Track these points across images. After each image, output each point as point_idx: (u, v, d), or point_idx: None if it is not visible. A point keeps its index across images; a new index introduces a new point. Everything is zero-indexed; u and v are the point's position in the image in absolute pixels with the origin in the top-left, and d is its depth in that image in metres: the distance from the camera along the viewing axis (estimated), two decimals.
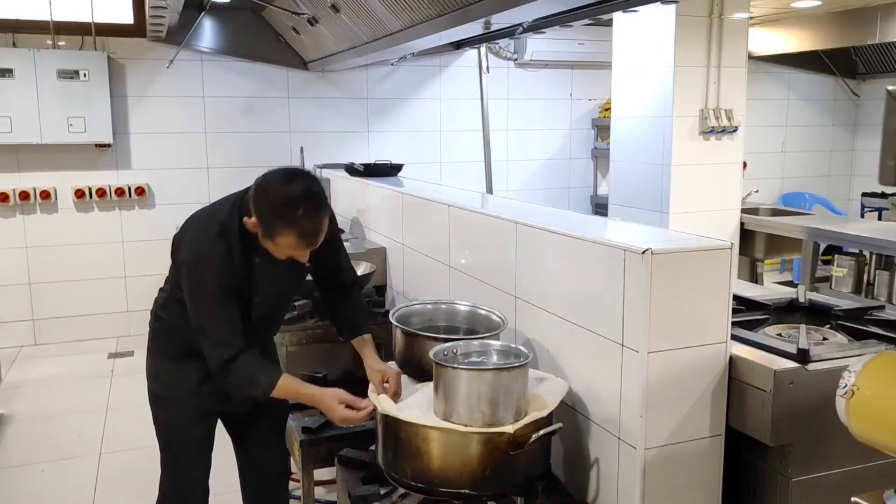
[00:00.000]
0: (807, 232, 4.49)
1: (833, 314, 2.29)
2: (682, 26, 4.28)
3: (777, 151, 7.28)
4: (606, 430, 1.95)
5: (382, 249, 3.89)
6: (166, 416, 2.23)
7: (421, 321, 2.35)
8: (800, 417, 1.81)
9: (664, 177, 4.46)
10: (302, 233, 1.91)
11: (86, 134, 5.15)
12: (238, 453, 2.43)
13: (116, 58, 5.32)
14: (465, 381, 1.79)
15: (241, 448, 2.42)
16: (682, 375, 1.83)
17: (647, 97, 4.53)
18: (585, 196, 6.76)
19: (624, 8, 3.49)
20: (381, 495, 1.94)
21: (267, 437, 2.39)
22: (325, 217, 1.95)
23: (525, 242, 2.33)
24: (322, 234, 1.96)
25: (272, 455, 2.41)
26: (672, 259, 1.78)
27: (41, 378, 4.79)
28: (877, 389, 1.41)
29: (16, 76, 4.97)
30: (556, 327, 2.15)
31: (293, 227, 1.90)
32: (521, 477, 1.84)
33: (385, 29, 3.90)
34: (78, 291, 5.45)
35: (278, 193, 1.92)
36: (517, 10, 3.00)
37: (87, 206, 5.44)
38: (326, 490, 3.17)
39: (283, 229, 1.90)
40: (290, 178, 1.94)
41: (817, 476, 1.88)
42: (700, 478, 1.90)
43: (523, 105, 6.43)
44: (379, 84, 6.01)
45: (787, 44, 6.17)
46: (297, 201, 1.90)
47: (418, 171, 5.26)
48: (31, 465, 3.59)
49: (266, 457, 2.40)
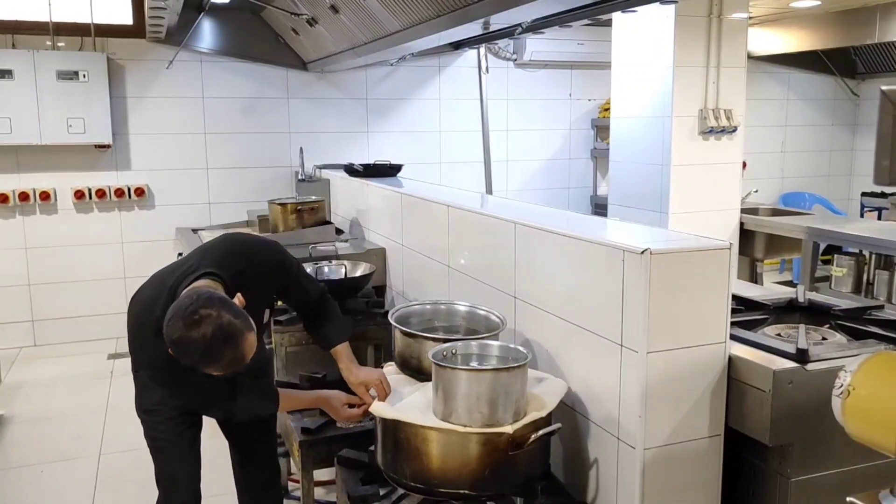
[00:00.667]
0: (806, 232, 4.49)
1: (832, 314, 2.29)
2: (682, 26, 4.28)
3: (776, 151, 7.29)
4: (606, 431, 1.94)
5: (382, 250, 3.89)
6: (149, 422, 2.24)
7: (420, 322, 2.36)
8: (799, 417, 1.81)
9: (664, 177, 4.46)
10: (232, 364, 1.85)
11: (85, 135, 5.15)
12: (232, 455, 2.45)
13: (116, 59, 5.32)
14: (464, 382, 1.79)
15: (235, 450, 2.44)
16: (681, 375, 1.83)
17: (646, 97, 4.53)
18: (585, 196, 6.76)
19: (623, 8, 3.49)
20: (380, 496, 1.94)
21: (255, 437, 2.39)
22: (245, 340, 1.84)
23: (524, 243, 2.33)
24: (250, 354, 1.86)
25: (262, 457, 2.42)
26: (671, 259, 1.78)
27: (41, 379, 4.79)
28: (872, 389, 1.41)
29: (15, 77, 4.97)
30: (556, 327, 2.15)
31: (221, 365, 1.84)
32: (521, 477, 1.84)
33: (384, 29, 3.90)
34: (77, 292, 5.45)
35: (191, 346, 1.80)
36: (516, 11, 3.00)
37: (86, 207, 5.44)
38: (326, 490, 3.17)
39: (214, 369, 1.86)
40: (194, 324, 1.79)
41: (816, 476, 1.88)
42: (699, 478, 1.90)
43: (523, 105, 6.43)
44: (378, 84, 6.01)
45: (787, 44, 6.17)
46: (212, 347, 1.80)
47: (418, 171, 5.26)
48: (31, 466, 3.59)
49: (256, 458, 2.41)
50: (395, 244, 3.72)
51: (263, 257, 2.23)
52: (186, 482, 2.25)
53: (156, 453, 2.26)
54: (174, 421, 2.21)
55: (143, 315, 2.11)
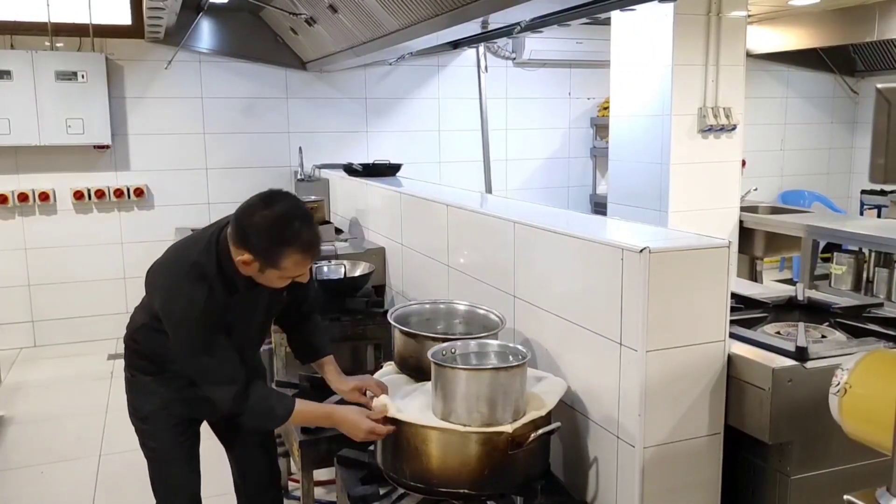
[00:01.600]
0: (806, 230, 4.48)
1: (832, 312, 2.29)
2: (681, 25, 4.28)
3: (776, 149, 7.28)
4: (605, 429, 1.94)
5: (381, 249, 3.89)
6: (146, 429, 2.20)
7: (419, 321, 2.35)
8: (798, 415, 1.81)
9: (663, 175, 4.46)
10: (306, 246, 1.89)
11: (84, 135, 5.15)
12: (229, 459, 2.43)
13: (114, 59, 5.32)
14: (463, 381, 1.79)
15: (232, 454, 2.41)
16: (680, 374, 1.83)
17: (645, 96, 4.53)
18: (584, 195, 6.76)
19: (621, 7, 3.48)
20: (380, 495, 1.94)
21: (253, 440, 2.37)
22: (317, 226, 1.93)
23: (523, 242, 2.33)
24: (321, 243, 1.96)
25: (260, 459, 2.40)
26: (670, 258, 1.78)
27: (41, 380, 4.79)
28: (869, 387, 1.41)
29: (14, 78, 4.97)
30: (555, 326, 2.15)
31: (295, 243, 1.87)
32: (520, 476, 1.84)
33: (383, 29, 3.90)
34: (77, 293, 5.45)
35: (268, 218, 1.86)
36: (514, 10, 3.00)
37: (85, 208, 5.44)
38: (326, 490, 3.17)
39: (287, 250, 1.86)
40: (271, 200, 1.89)
41: (816, 474, 1.88)
42: (699, 476, 1.90)
43: (522, 104, 6.43)
44: (377, 84, 6.01)
45: (786, 42, 6.17)
46: (290, 218, 1.87)
47: (417, 170, 5.26)
48: (31, 467, 3.59)
49: (255, 460, 2.39)
50: (395, 244, 3.72)
51: None
52: (186, 492, 2.22)
53: (154, 462, 2.22)
54: (176, 429, 2.18)
55: (176, 265, 1.99)
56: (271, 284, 1.97)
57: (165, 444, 2.19)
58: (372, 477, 2.01)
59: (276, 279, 1.94)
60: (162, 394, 2.16)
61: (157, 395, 2.16)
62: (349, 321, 3.32)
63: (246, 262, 1.89)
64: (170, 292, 1.96)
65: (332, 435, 2.40)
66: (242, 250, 1.89)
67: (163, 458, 2.20)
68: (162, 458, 2.20)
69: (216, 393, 1.96)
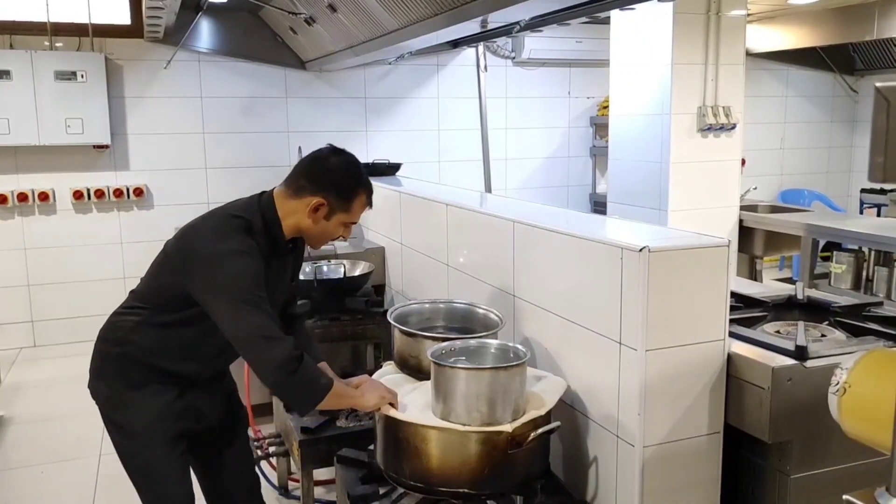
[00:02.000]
0: (806, 228, 4.48)
1: (831, 311, 2.29)
2: (680, 24, 4.28)
3: (775, 148, 7.28)
4: (605, 429, 1.94)
5: (381, 249, 3.89)
6: (135, 447, 2.05)
7: (419, 320, 2.35)
8: (798, 414, 1.81)
9: (663, 174, 4.46)
10: (371, 190, 2.05)
11: (84, 135, 5.15)
12: (205, 479, 2.27)
13: (114, 59, 5.32)
14: (463, 381, 1.79)
15: (209, 472, 2.26)
16: (680, 373, 1.83)
17: (645, 95, 4.53)
18: (584, 194, 6.76)
19: (621, 6, 3.48)
20: (380, 495, 1.94)
21: (237, 451, 2.26)
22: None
23: (523, 241, 2.33)
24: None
25: (245, 471, 2.29)
26: (669, 257, 1.78)
27: (40, 380, 4.79)
28: (868, 387, 1.41)
29: (13, 78, 4.97)
30: (555, 326, 2.15)
31: (367, 185, 2.04)
32: (520, 476, 1.84)
33: (382, 28, 3.90)
34: (77, 293, 5.44)
35: (344, 161, 2.04)
36: (514, 9, 2.99)
37: (85, 208, 5.44)
38: (326, 490, 3.17)
39: (360, 190, 2.01)
40: (339, 151, 2.07)
41: (816, 473, 1.88)
42: (699, 475, 1.90)
43: (521, 103, 6.42)
44: (377, 83, 6.00)
45: (785, 40, 6.16)
46: (358, 165, 2.06)
47: (416, 170, 5.26)
48: (31, 467, 3.59)
49: (239, 473, 2.27)
50: (395, 243, 3.72)
51: None
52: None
53: (147, 483, 2.07)
54: (171, 443, 2.04)
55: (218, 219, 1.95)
56: (324, 235, 2.03)
57: (161, 460, 2.04)
58: (372, 476, 2.01)
59: (335, 226, 2.01)
60: (152, 409, 2.03)
61: (147, 408, 2.02)
62: (349, 321, 3.32)
63: (317, 206, 1.96)
64: (215, 246, 1.87)
65: (331, 435, 2.40)
66: (314, 195, 1.96)
67: (158, 477, 2.06)
68: (157, 476, 2.06)
69: (269, 352, 1.80)
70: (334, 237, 2.07)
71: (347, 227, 2.05)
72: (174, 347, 2.03)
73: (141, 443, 2.04)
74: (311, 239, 2.06)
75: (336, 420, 2.49)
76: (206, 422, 2.13)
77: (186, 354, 2.04)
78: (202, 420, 2.12)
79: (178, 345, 2.02)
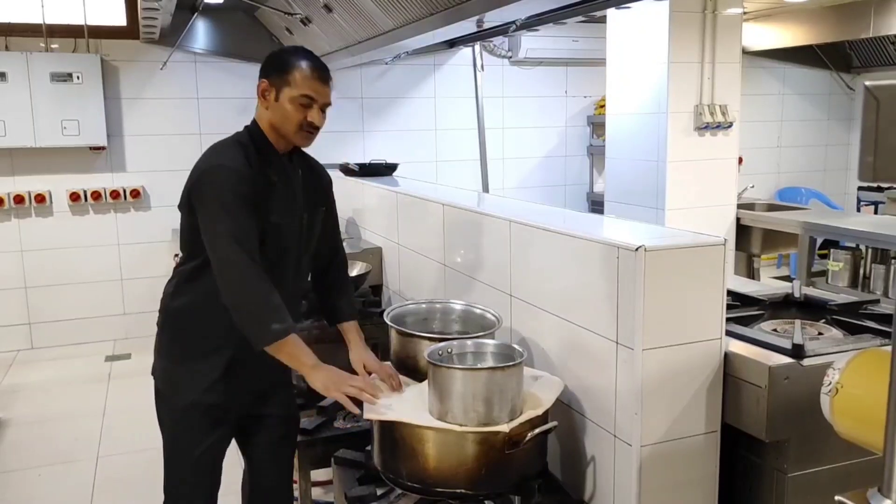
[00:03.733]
0: (803, 227, 4.49)
1: (828, 309, 2.29)
2: (676, 22, 4.28)
3: (772, 146, 7.29)
4: (602, 428, 1.94)
5: (378, 249, 3.89)
6: (173, 420, 2.10)
7: (416, 321, 2.35)
8: (795, 413, 1.80)
9: (660, 173, 4.46)
10: (313, 59, 2.05)
11: (80, 137, 5.14)
12: (245, 465, 2.33)
13: (110, 60, 5.31)
14: (459, 381, 1.79)
15: (251, 467, 2.31)
16: (676, 372, 1.82)
17: (641, 94, 4.53)
18: (582, 193, 6.76)
19: (616, 5, 3.48)
20: (377, 496, 1.94)
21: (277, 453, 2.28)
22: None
23: (519, 241, 2.33)
24: (330, 79, 2.07)
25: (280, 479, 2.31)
26: (665, 256, 1.77)
27: (38, 382, 4.79)
28: (860, 387, 1.41)
29: (9, 80, 4.96)
30: (551, 325, 2.15)
31: (304, 58, 2.04)
32: (518, 476, 1.84)
33: (378, 28, 3.89)
34: (74, 294, 5.44)
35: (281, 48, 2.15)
36: (509, 8, 2.99)
37: (82, 210, 5.43)
38: (324, 491, 3.16)
39: (295, 61, 2.02)
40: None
41: (813, 471, 1.88)
42: (696, 474, 1.90)
43: (518, 103, 6.43)
44: (373, 83, 6.00)
45: (781, 38, 6.17)
46: (300, 48, 2.10)
47: (414, 170, 5.25)
48: (29, 470, 3.58)
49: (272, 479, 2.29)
50: (392, 243, 3.71)
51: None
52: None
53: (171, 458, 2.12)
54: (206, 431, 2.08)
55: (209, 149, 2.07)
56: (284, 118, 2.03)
57: (186, 440, 2.09)
58: (369, 477, 2.01)
59: (288, 105, 2.02)
60: (194, 385, 2.06)
61: (188, 385, 2.07)
62: None
63: (263, 90, 2.05)
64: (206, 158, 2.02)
65: (329, 436, 2.40)
66: (261, 81, 2.06)
67: (180, 456, 2.10)
68: (179, 454, 2.10)
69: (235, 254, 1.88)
70: (299, 120, 2.04)
71: (304, 105, 2.02)
72: (202, 302, 2.04)
73: (174, 419, 2.10)
74: (281, 130, 2.06)
75: (334, 421, 2.49)
76: (247, 409, 2.15)
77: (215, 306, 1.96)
78: (246, 394, 2.12)
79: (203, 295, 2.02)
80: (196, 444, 2.09)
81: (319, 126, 2.09)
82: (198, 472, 2.12)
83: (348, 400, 1.93)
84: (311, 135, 2.10)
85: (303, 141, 2.12)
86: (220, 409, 2.10)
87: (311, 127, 2.07)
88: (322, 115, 2.08)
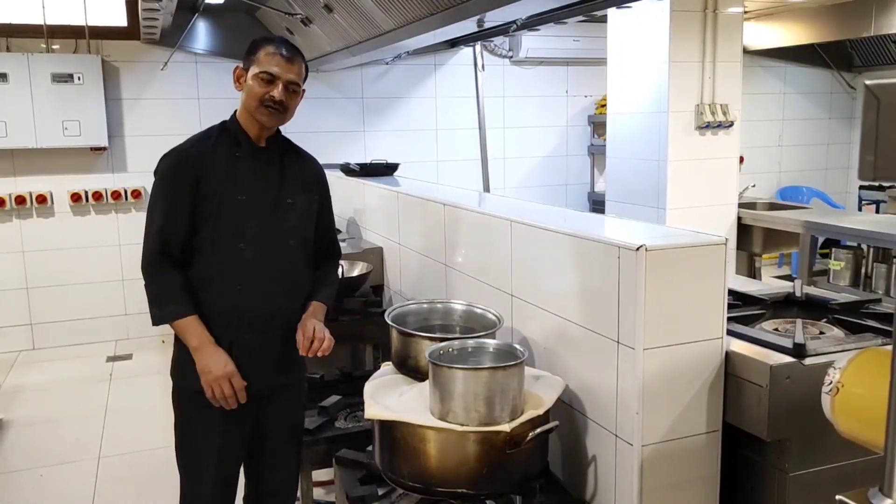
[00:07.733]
0: (804, 226, 4.48)
1: (830, 308, 2.29)
2: (677, 21, 4.28)
3: (774, 145, 7.28)
4: (603, 428, 1.94)
5: (379, 249, 3.89)
6: (182, 406, 2.15)
7: (417, 321, 2.35)
8: (796, 412, 1.80)
9: (661, 173, 4.46)
10: (276, 43, 2.15)
11: (81, 137, 5.15)
12: (248, 474, 2.33)
13: (110, 60, 5.32)
14: (461, 381, 1.79)
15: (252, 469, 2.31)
16: (678, 372, 1.82)
17: (642, 93, 4.52)
18: (583, 193, 6.76)
19: (618, 4, 3.48)
20: (378, 496, 1.94)
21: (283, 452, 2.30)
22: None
23: (520, 240, 2.32)
24: (298, 60, 2.16)
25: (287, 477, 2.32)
26: (666, 255, 1.77)
27: (40, 382, 4.79)
28: (861, 386, 1.41)
29: (10, 81, 4.97)
30: (553, 325, 2.15)
31: (270, 41, 2.16)
32: (519, 475, 1.84)
33: (378, 28, 3.89)
34: (75, 295, 5.44)
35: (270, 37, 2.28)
36: (510, 8, 2.99)
37: (83, 210, 5.44)
38: (325, 491, 3.17)
39: (262, 44, 2.15)
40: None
41: (815, 471, 1.88)
42: (697, 474, 1.90)
43: (519, 102, 6.42)
44: (374, 83, 6.00)
45: (782, 37, 6.17)
46: (274, 36, 2.28)
47: (414, 170, 5.26)
48: (30, 470, 3.58)
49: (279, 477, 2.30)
50: (393, 243, 3.71)
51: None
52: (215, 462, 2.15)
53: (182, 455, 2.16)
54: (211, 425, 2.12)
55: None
56: (250, 95, 2.14)
57: (196, 436, 2.14)
58: (370, 477, 2.01)
59: (253, 80, 2.12)
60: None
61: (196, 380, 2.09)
62: (347, 321, 3.31)
63: (239, 75, 2.19)
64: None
65: (330, 436, 2.40)
66: (236, 68, 2.22)
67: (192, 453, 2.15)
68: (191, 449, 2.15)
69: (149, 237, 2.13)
70: (260, 95, 2.12)
71: (267, 81, 2.11)
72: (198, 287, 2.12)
73: (186, 411, 2.15)
74: (248, 108, 2.17)
75: (335, 421, 2.49)
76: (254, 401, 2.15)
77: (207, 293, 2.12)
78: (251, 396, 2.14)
79: (196, 281, 2.12)
80: (207, 431, 2.13)
81: (281, 101, 2.14)
82: (211, 466, 2.14)
83: (212, 393, 2.05)
84: (275, 112, 2.15)
85: (266, 118, 2.16)
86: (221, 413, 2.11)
87: (272, 101, 2.12)
88: (288, 93, 2.14)
